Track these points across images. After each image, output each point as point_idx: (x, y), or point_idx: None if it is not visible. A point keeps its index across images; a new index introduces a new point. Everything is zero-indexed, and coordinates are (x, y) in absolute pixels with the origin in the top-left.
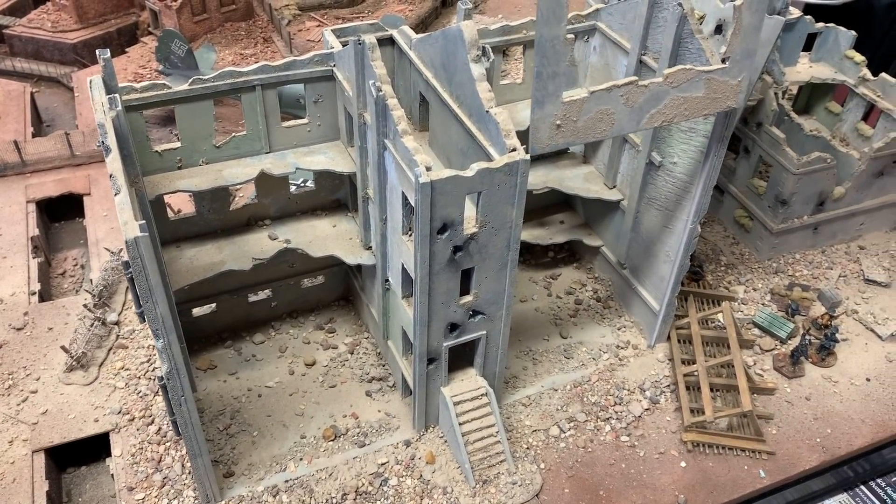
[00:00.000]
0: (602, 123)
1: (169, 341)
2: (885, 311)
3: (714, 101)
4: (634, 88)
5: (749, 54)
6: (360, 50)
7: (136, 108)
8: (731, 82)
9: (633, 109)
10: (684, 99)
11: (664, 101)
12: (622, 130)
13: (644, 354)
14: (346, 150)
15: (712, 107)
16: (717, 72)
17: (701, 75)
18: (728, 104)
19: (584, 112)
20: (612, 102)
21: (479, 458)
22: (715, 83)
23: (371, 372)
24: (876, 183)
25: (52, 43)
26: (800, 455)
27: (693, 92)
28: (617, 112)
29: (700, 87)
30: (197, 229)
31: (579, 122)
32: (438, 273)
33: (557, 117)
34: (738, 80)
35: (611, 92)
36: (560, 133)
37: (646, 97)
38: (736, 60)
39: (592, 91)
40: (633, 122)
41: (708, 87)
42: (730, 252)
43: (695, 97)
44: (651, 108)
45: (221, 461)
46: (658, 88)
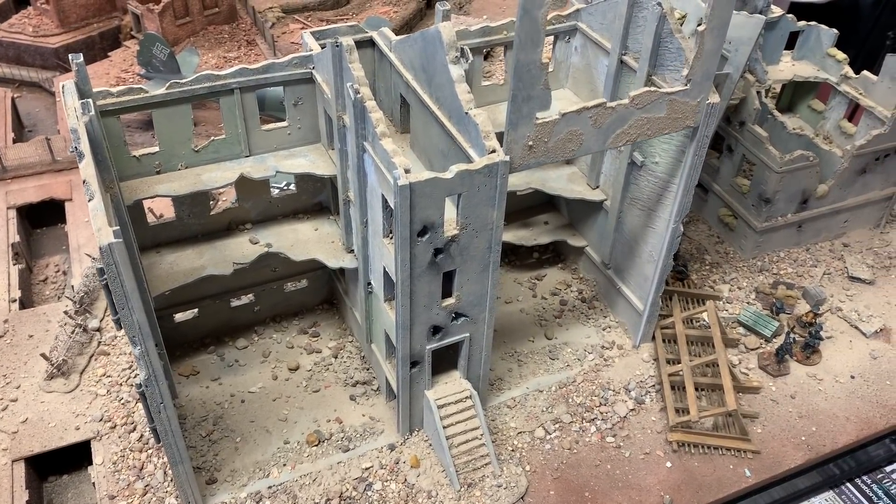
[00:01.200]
0: (571, 143)
1: (146, 348)
2: (869, 308)
3: (675, 121)
4: (602, 110)
5: (709, 77)
6: (337, 52)
7: (112, 113)
8: (691, 103)
9: (600, 130)
10: (647, 119)
11: (629, 122)
12: (589, 150)
13: (629, 355)
14: (326, 153)
15: (673, 126)
16: (679, 93)
17: (664, 97)
18: (687, 123)
19: (555, 133)
20: (581, 124)
21: (464, 461)
22: (676, 104)
23: (355, 376)
24: (859, 180)
25: (33, 47)
26: (785, 453)
27: (656, 112)
28: (585, 133)
29: (663, 108)
30: (177, 234)
31: (550, 142)
32: (420, 276)
33: (530, 138)
34: (698, 100)
35: (580, 114)
36: (532, 153)
37: (612, 118)
38: (696, 83)
39: (563, 113)
40: (600, 141)
41: (670, 108)
42: (714, 251)
43: (657, 117)
44: (617, 129)
45: (204, 468)
46: (624, 110)
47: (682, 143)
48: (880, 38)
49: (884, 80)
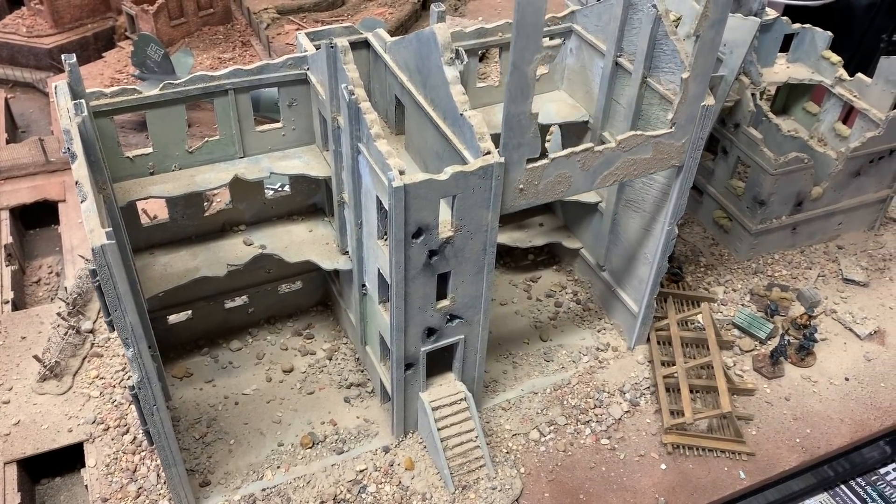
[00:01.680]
0: (560, 185)
1: (139, 350)
2: (863, 310)
3: (661, 161)
4: (590, 154)
5: (692, 119)
6: (332, 53)
7: (106, 114)
8: (676, 144)
9: (588, 172)
10: (634, 160)
11: (616, 164)
12: (578, 191)
13: (624, 357)
14: (321, 154)
15: (659, 166)
16: (665, 136)
17: (650, 140)
18: (673, 163)
19: (545, 177)
20: (570, 167)
21: (459, 463)
22: (662, 145)
23: (350, 378)
24: (853, 182)
25: (27, 48)
26: (780, 455)
27: (642, 154)
28: (574, 175)
29: (648, 150)
30: (171, 236)
31: (540, 185)
32: (414, 278)
33: (521, 182)
34: (683, 141)
35: (569, 158)
36: (522, 195)
37: (600, 161)
38: (681, 126)
39: (553, 158)
40: (589, 182)
41: (655, 150)
42: (709, 253)
43: (643, 158)
44: (604, 170)
45: (197, 470)
46: (611, 153)
47: None
48: (874, 41)
49: (878, 82)
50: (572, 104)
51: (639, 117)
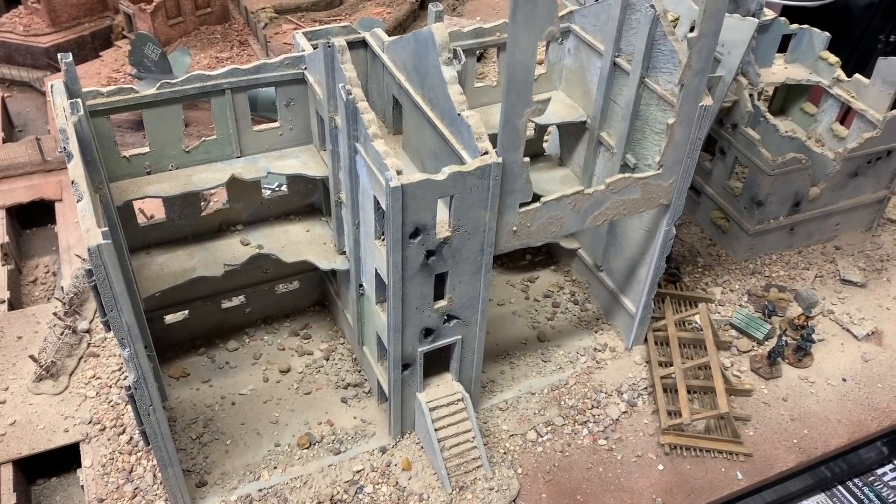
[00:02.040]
0: (552, 226)
1: (136, 350)
2: (860, 311)
3: (648, 201)
4: (581, 196)
5: (678, 161)
6: (329, 52)
7: (102, 113)
8: (663, 184)
9: (578, 213)
10: (623, 201)
11: (605, 204)
12: (569, 230)
13: (621, 357)
14: (318, 154)
15: (647, 205)
16: (652, 177)
17: (638, 181)
18: (661, 202)
19: (537, 219)
20: (561, 209)
21: (456, 463)
22: (650, 186)
23: (347, 378)
24: (851, 183)
25: (24, 47)
26: (777, 456)
27: (630, 195)
28: (565, 216)
29: (637, 191)
30: (167, 235)
31: (533, 227)
32: (412, 278)
33: (514, 225)
34: (670, 182)
35: (560, 201)
36: (516, 236)
37: (590, 203)
38: (668, 167)
39: (544, 202)
40: (579, 222)
41: (644, 190)
42: (707, 253)
43: (632, 199)
44: (594, 211)
45: (194, 470)
46: (601, 195)
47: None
48: (872, 42)
49: (875, 83)
50: (570, 104)
51: (636, 117)
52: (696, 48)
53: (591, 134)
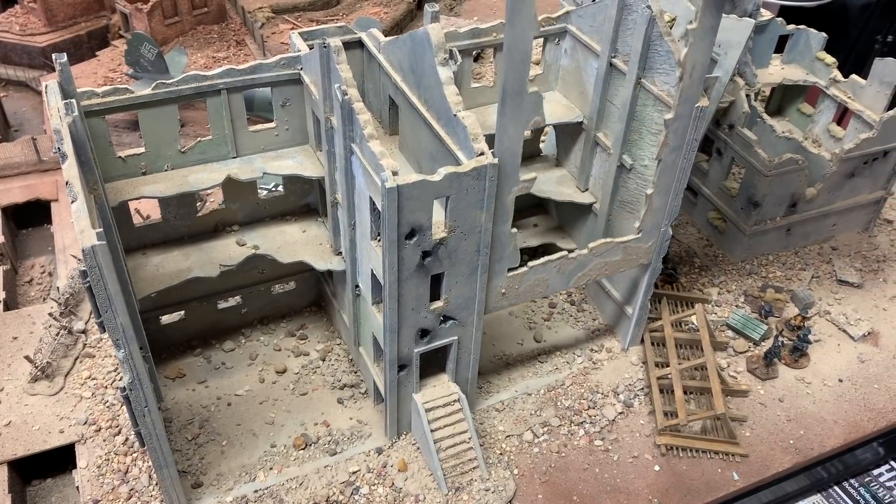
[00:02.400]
0: (539, 287)
1: (130, 351)
2: (857, 311)
3: (630, 261)
4: (565, 261)
5: (657, 226)
6: (325, 53)
7: (97, 113)
8: (643, 246)
9: (563, 275)
10: (605, 262)
11: (589, 266)
12: (555, 290)
13: (618, 358)
14: (314, 155)
15: (628, 265)
16: (633, 241)
17: (620, 245)
18: (641, 262)
19: (524, 282)
20: (547, 272)
21: (452, 464)
22: (630, 249)
23: (343, 379)
24: (847, 184)
25: (20, 46)
26: (773, 457)
27: (612, 257)
28: (551, 278)
29: (618, 253)
30: (163, 236)
31: (521, 288)
32: (407, 279)
33: (503, 287)
34: (650, 244)
35: (546, 265)
36: (505, 298)
37: (574, 265)
38: (647, 231)
39: (531, 266)
40: (564, 283)
41: (625, 252)
42: (703, 254)
43: (614, 260)
44: (578, 272)
45: (190, 471)
46: (584, 258)
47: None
48: (869, 42)
49: (872, 83)
50: (567, 105)
51: (633, 118)
52: (672, 128)
53: (588, 134)
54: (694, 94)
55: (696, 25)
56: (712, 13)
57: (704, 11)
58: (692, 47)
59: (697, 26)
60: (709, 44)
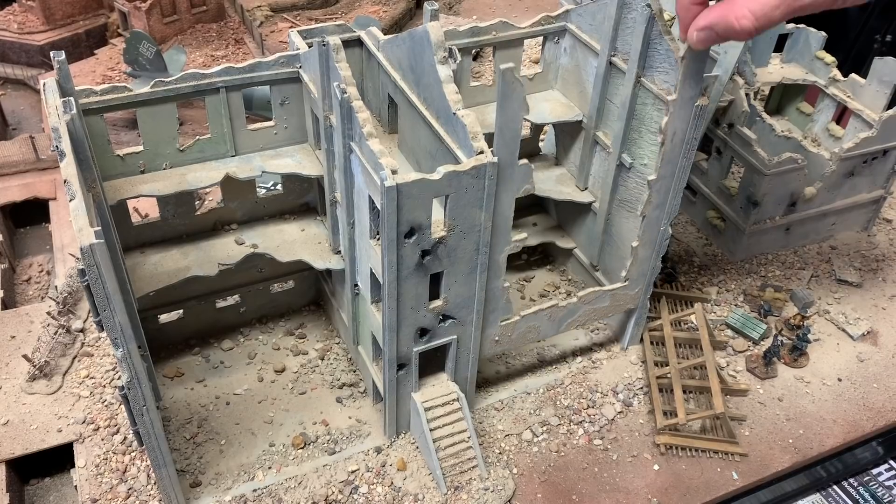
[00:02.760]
0: (530, 334)
1: (129, 350)
2: (856, 310)
3: (617, 307)
4: (556, 309)
5: (643, 274)
6: (324, 51)
7: (96, 112)
8: (630, 293)
9: (553, 322)
10: (594, 309)
11: (578, 313)
12: (545, 336)
13: (617, 357)
14: (313, 153)
15: (616, 310)
16: (620, 289)
17: (607, 293)
18: (628, 307)
19: (517, 330)
20: (538, 320)
21: (451, 464)
22: (618, 296)
23: (342, 378)
24: (847, 183)
25: (18, 45)
26: (772, 456)
27: (601, 304)
28: (542, 325)
29: (606, 300)
30: (161, 234)
31: (513, 335)
32: (407, 277)
33: (496, 336)
34: (636, 290)
35: (537, 314)
36: (498, 345)
37: (564, 313)
38: (634, 279)
39: (523, 315)
40: (554, 329)
41: (613, 299)
42: (702, 253)
43: (602, 306)
44: (568, 319)
45: (188, 471)
46: (573, 306)
47: None
48: (868, 41)
49: (872, 83)
50: (566, 103)
51: (632, 117)
52: (656, 188)
53: (587, 133)
54: (675, 156)
55: (676, 97)
56: (691, 85)
57: (683, 83)
58: (672, 116)
59: (677, 97)
60: (688, 112)
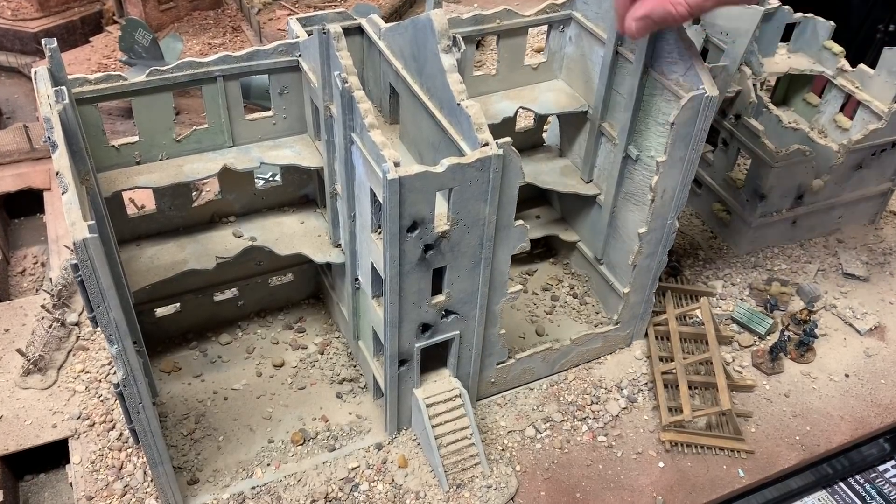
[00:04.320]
0: (525, 375)
1: (124, 347)
2: (863, 305)
3: (609, 347)
4: (549, 352)
5: (635, 317)
6: (324, 40)
7: (89, 101)
8: (622, 334)
9: (547, 363)
10: (586, 349)
11: (571, 354)
12: (539, 377)
13: (621, 352)
14: (313, 144)
15: (607, 351)
16: (612, 331)
17: (600, 336)
18: (620, 346)
19: (512, 371)
20: (533, 362)
21: (453, 461)
22: (610, 337)
23: (342, 373)
24: (854, 175)
25: (11, 32)
26: (779, 453)
27: (593, 345)
28: (536, 367)
29: (599, 342)
30: (158, 227)
31: (509, 377)
32: (409, 272)
33: (492, 378)
34: (628, 332)
35: (531, 357)
36: (494, 386)
37: (558, 354)
38: (625, 321)
39: (518, 358)
40: (548, 369)
41: (604, 340)
42: (708, 246)
43: (595, 347)
44: (562, 360)
45: (185, 468)
46: (567, 348)
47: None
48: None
49: (881, 73)
50: (571, 94)
51: (639, 108)
52: (646, 239)
53: (593, 124)
54: (665, 211)
55: (666, 158)
56: (680, 147)
57: (673, 145)
58: (662, 176)
59: (667, 158)
60: (677, 171)
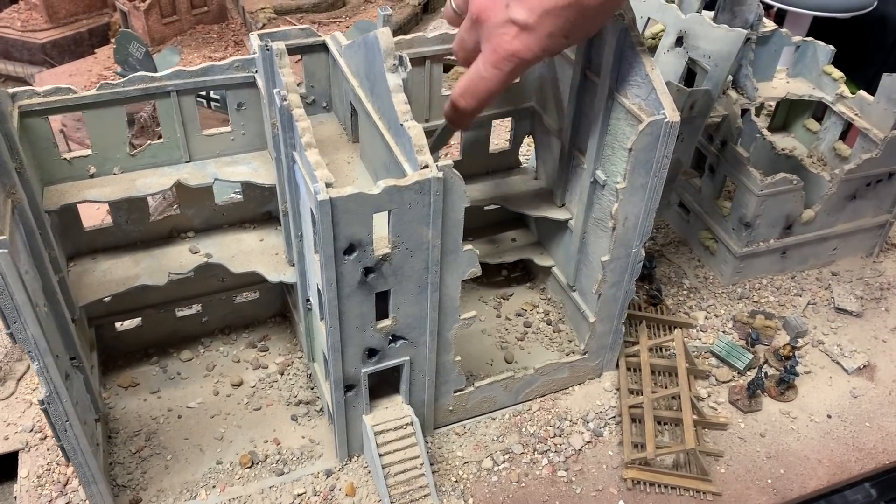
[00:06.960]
0: (486, 404)
1: (45, 364)
2: (853, 342)
3: (577, 377)
4: (511, 380)
5: (604, 347)
6: (268, 56)
7: (39, 114)
8: (591, 364)
9: (510, 392)
10: (552, 380)
11: (536, 384)
12: (502, 406)
13: (591, 383)
14: (271, 161)
15: (575, 381)
16: (579, 360)
17: (566, 365)
18: (589, 377)
19: (471, 400)
20: (494, 391)
21: (401, 491)
22: (577, 367)
23: (299, 395)
24: (849, 206)
25: (20, 42)
26: (748, 496)
27: (559, 375)
28: (497, 396)
29: (565, 371)
30: (115, 241)
31: (468, 405)
32: (349, 295)
33: (450, 405)
34: (597, 362)
35: (492, 385)
36: (453, 413)
37: (521, 383)
38: (593, 351)
39: (477, 386)
40: (512, 398)
41: (571, 370)
42: (693, 275)
43: (561, 377)
44: (525, 389)
45: (130, 486)
46: (531, 377)
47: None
48: None
49: (880, 100)
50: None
51: (605, 132)
52: (610, 268)
53: (563, 148)
54: (628, 239)
55: (626, 185)
56: (641, 173)
57: (633, 171)
58: (622, 203)
59: (627, 185)
60: (639, 199)
